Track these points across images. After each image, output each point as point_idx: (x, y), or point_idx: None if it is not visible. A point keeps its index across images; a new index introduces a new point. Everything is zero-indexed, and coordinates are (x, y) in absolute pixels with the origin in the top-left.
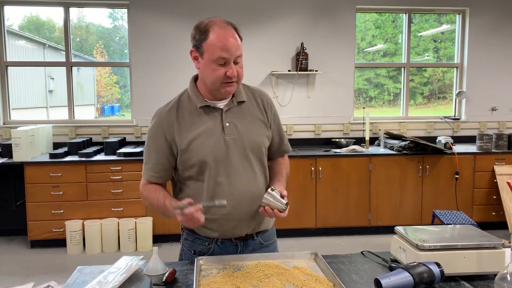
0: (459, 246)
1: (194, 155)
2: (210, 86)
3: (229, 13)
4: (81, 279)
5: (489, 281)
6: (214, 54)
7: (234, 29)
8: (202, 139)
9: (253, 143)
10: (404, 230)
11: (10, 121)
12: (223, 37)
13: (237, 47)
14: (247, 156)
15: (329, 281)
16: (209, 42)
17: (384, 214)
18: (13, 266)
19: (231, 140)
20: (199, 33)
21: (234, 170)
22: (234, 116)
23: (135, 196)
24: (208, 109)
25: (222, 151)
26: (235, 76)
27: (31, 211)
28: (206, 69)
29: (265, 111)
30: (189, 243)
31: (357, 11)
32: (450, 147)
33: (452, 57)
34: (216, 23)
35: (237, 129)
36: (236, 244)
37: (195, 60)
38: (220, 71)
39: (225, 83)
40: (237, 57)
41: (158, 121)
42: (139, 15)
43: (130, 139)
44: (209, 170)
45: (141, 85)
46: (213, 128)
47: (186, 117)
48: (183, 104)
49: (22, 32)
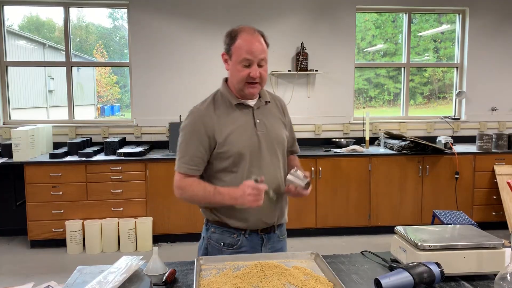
0: (459, 246)
1: (231, 147)
2: (236, 86)
3: (229, 13)
4: (81, 279)
5: (489, 281)
6: (240, 55)
7: (261, 36)
8: (238, 133)
9: (279, 139)
10: (404, 230)
11: (10, 121)
12: (249, 41)
13: (261, 51)
14: (274, 150)
15: (329, 281)
16: (236, 45)
17: (384, 214)
18: (13, 266)
19: (261, 135)
20: (229, 38)
21: (265, 162)
22: (262, 114)
23: (135, 196)
24: (241, 106)
25: (256, 144)
26: (258, 77)
27: (31, 211)
28: (233, 70)
29: (283, 113)
30: (217, 236)
31: (357, 11)
32: (450, 147)
33: (452, 57)
34: (244, 29)
35: (266, 126)
36: (261, 236)
37: (225, 62)
38: (245, 72)
39: (248, 83)
40: (261, 60)
41: (198, 116)
42: (139, 15)
43: (130, 139)
44: (244, 162)
45: (141, 85)
46: (247, 123)
47: (223, 113)
48: (218, 102)
49: (22, 32)
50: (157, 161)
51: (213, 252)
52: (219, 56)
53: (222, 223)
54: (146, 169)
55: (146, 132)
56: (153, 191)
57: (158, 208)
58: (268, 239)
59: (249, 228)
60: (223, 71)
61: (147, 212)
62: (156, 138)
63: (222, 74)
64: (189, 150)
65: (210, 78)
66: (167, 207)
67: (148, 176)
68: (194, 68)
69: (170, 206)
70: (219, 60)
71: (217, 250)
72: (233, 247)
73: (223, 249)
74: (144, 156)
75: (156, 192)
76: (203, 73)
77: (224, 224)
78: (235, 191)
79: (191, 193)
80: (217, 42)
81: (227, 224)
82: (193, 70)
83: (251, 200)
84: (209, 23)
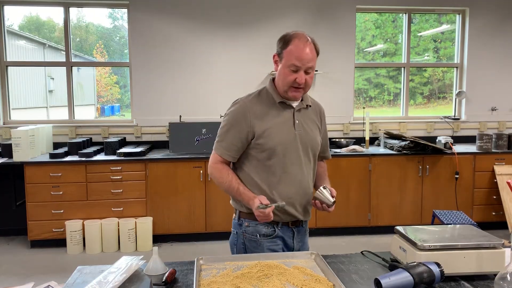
0: (459, 246)
1: (268, 141)
2: (281, 88)
3: (229, 13)
4: (81, 279)
5: (489, 281)
6: (289, 60)
7: (313, 44)
8: (276, 129)
9: (313, 143)
10: (404, 230)
11: (10, 121)
12: (300, 48)
13: (310, 59)
14: (307, 152)
15: (329, 281)
16: (288, 50)
17: (384, 214)
18: (13, 266)
19: (298, 136)
20: (282, 42)
21: (299, 161)
22: (302, 116)
23: (135, 196)
24: (284, 105)
25: (292, 142)
26: (303, 83)
27: (31, 211)
28: (281, 72)
29: (320, 119)
30: (251, 229)
31: (357, 11)
32: (450, 147)
33: (452, 57)
34: (298, 35)
35: (303, 127)
36: (292, 229)
37: (275, 63)
38: (291, 77)
39: (293, 87)
40: (308, 67)
41: (242, 107)
42: (139, 15)
43: (130, 139)
44: (278, 156)
45: (141, 85)
46: (286, 122)
47: (266, 108)
48: (263, 97)
49: (22, 32)
50: (157, 161)
51: (251, 245)
52: (219, 56)
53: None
54: (146, 169)
55: (146, 132)
56: (153, 191)
57: (158, 208)
58: (298, 232)
59: (281, 221)
60: (223, 71)
61: (147, 212)
62: (156, 138)
63: (222, 74)
64: (228, 136)
65: (210, 78)
66: (167, 207)
67: (148, 176)
68: (194, 68)
69: (170, 206)
70: (219, 60)
71: (254, 242)
72: (270, 237)
73: (260, 240)
74: (144, 156)
75: (156, 192)
76: (203, 73)
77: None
78: (249, 203)
79: (219, 179)
80: (217, 42)
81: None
82: (193, 70)
83: (259, 216)
84: (209, 23)
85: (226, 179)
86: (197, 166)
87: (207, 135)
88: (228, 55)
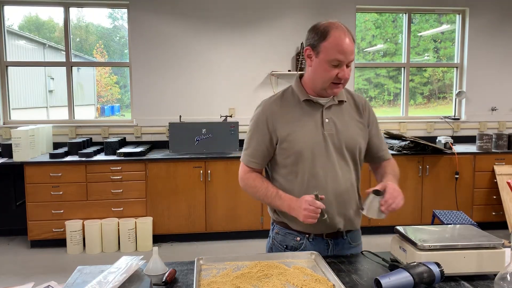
0: (459, 246)
1: (292, 145)
2: (320, 85)
3: (229, 13)
4: (81, 279)
5: (489, 281)
6: (330, 55)
7: (350, 33)
8: (302, 131)
9: (349, 141)
10: (404, 230)
11: (10, 121)
12: (342, 40)
13: (352, 51)
14: (342, 152)
15: (329, 281)
16: (327, 43)
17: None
18: (13, 266)
19: (329, 136)
20: (317, 34)
21: (330, 164)
22: (333, 114)
23: (135, 196)
24: (310, 103)
25: (320, 144)
26: (346, 78)
27: (31, 211)
28: (319, 68)
29: (362, 113)
30: (280, 237)
31: (357, 11)
32: (450, 147)
33: (452, 57)
34: (335, 26)
35: (335, 126)
36: (327, 241)
37: (308, 58)
38: (333, 72)
39: (333, 83)
40: (350, 61)
41: (263, 110)
42: (139, 15)
43: (130, 139)
44: (305, 161)
45: (141, 85)
46: (313, 122)
47: (289, 109)
48: (287, 97)
49: (22, 32)
50: (157, 161)
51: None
52: (219, 56)
53: (285, 224)
54: (146, 169)
55: (146, 132)
56: (153, 191)
57: (158, 208)
58: (336, 244)
59: (312, 232)
60: (223, 71)
61: (147, 212)
62: (156, 138)
63: (222, 73)
64: (252, 142)
65: (210, 77)
66: (167, 207)
67: (148, 176)
68: (194, 68)
69: (170, 206)
70: (219, 60)
71: (281, 252)
72: (297, 250)
73: (286, 252)
74: (144, 156)
75: (156, 192)
76: (203, 73)
77: (287, 226)
78: (294, 201)
79: (253, 189)
80: (217, 41)
81: (289, 226)
82: (193, 70)
83: (305, 215)
84: (210, 23)
85: (261, 187)
86: (197, 166)
87: (207, 135)
88: (228, 54)
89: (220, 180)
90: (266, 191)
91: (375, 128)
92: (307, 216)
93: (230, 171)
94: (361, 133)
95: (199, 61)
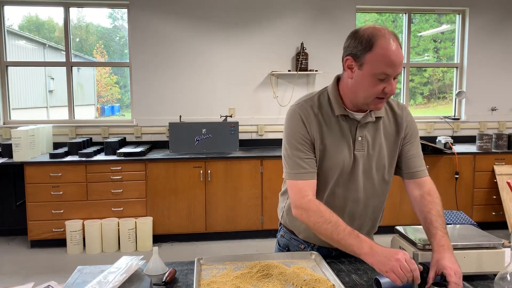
0: (459, 246)
1: (322, 161)
2: (362, 100)
3: (229, 13)
4: (81, 279)
5: (489, 281)
6: (378, 68)
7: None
8: (333, 147)
9: (380, 162)
10: (404, 230)
11: (10, 121)
12: (391, 52)
13: (401, 63)
14: (370, 174)
15: (329, 281)
16: (373, 55)
17: (384, 214)
18: (13, 266)
19: (359, 155)
20: (361, 42)
21: (354, 185)
22: (368, 131)
23: (135, 196)
24: (345, 118)
25: (349, 165)
26: (393, 93)
27: (31, 211)
28: (363, 82)
29: (399, 128)
30: (284, 241)
31: (357, 11)
32: (450, 147)
33: (452, 57)
34: (383, 34)
35: (368, 145)
36: (332, 251)
37: (348, 69)
38: (379, 87)
39: (378, 98)
40: (398, 73)
41: (300, 116)
42: (139, 15)
43: (130, 139)
44: (329, 179)
45: (141, 85)
46: (345, 139)
47: (324, 119)
48: (323, 104)
49: (22, 32)
50: (157, 161)
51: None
52: (220, 56)
53: (291, 230)
54: (146, 169)
55: (146, 132)
56: (153, 191)
57: (158, 208)
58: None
59: (318, 244)
60: (223, 71)
61: (147, 212)
62: (156, 138)
63: (222, 73)
64: (295, 151)
65: (210, 77)
66: (167, 207)
67: (148, 176)
68: (194, 68)
69: (170, 206)
70: (219, 60)
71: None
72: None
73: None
74: (144, 156)
75: (156, 192)
76: (203, 73)
77: (293, 232)
78: (379, 246)
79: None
80: (217, 41)
81: (296, 235)
82: (193, 70)
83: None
84: (210, 23)
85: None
86: (197, 166)
87: (207, 135)
88: (228, 54)
89: (220, 180)
90: (336, 225)
91: (412, 141)
92: (396, 271)
93: (230, 171)
94: (395, 148)
95: (199, 61)
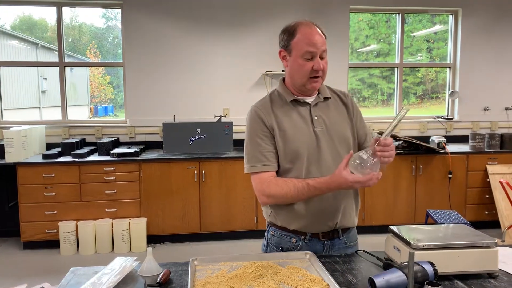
0: (452, 245)
1: (288, 144)
2: (299, 81)
3: (224, 13)
4: (74, 280)
5: (482, 280)
6: (301, 49)
7: (318, 28)
8: (294, 129)
9: (340, 136)
10: (398, 230)
11: (3, 122)
12: (309, 33)
13: (322, 42)
14: (335, 148)
15: (324, 281)
16: (296, 39)
17: (378, 214)
18: (6, 268)
19: (320, 132)
20: (287, 34)
21: (324, 161)
22: (321, 111)
23: (129, 196)
24: (298, 103)
25: (313, 142)
26: (321, 69)
27: (24, 212)
28: (294, 65)
29: (348, 108)
30: (276, 239)
31: (350, 11)
32: (443, 146)
33: (445, 57)
34: (302, 23)
35: (324, 122)
36: (323, 242)
37: (283, 59)
38: (308, 65)
39: (311, 78)
40: (322, 51)
41: (255, 111)
42: (132, 15)
43: (124, 139)
44: (301, 160)
45: (134, 85)
46: (303, 120)
47: (279, 110)
48: (275, 99)
49: (15, 32)
50: (151, 161)
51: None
52: (213, 56)
53: (281, 227)
54: (140, 170)
55: (139, 132)
56: (147, 192)
57: (152, 208)
58: (332, 245)
59: (308, 231)
60: (217, 71)
61: (141, 213)
62: (150, 139)
63: (216, 74)
64: (256, 146)
65: (204, 78)
66: (161, 207)
67: (142, 176)
68: (188, 68)
69: (164, 206)
70: (213, 60)
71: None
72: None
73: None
74: (137, 156)
75: (150, 192)
76: (197, 73)
77: (283, 228)
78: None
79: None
80: (211, 41)
81: (286, 228)
82: (187, 70)
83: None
84: (204, 23)
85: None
86: (191, 167)
87: (201, 135)
88: (222, 55)
89: (215, 180)
90: (295, 188)
91: (360, 122)
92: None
93: (225, 171)
94: (350, 127)
95: (193, 61)
